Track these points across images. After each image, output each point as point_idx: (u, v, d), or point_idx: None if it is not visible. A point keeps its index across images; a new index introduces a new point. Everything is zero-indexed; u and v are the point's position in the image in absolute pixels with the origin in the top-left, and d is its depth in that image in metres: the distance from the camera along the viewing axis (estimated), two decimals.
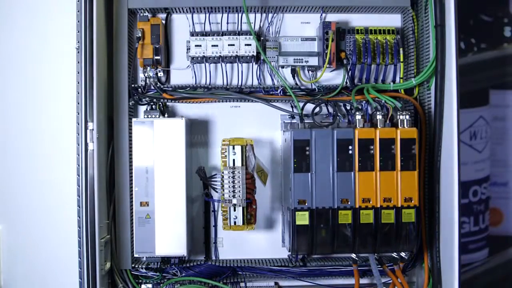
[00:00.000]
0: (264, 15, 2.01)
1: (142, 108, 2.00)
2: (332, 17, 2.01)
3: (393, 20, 2.06)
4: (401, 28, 2.04)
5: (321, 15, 2.01)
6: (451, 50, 1.78)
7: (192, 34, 1.96)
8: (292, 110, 1.97)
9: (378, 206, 1.79)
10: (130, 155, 1.89)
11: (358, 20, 2.03)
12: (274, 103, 1.97)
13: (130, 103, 1.94)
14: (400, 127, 1.83)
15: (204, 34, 1.97)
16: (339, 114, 1.97)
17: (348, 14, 2.03)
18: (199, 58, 1.95)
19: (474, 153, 2.28)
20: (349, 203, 1.79)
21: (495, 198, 2.33)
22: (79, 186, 1.79)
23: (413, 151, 1.79)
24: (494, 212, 2.34)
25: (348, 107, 1.98)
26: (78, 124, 1.79)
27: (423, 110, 1.95)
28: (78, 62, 1.80)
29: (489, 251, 2.34)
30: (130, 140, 1.89)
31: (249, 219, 1.88)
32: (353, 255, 1.91)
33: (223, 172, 1.83)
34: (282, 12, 2.03)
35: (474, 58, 2.27)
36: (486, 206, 2.32)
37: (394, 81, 2.01)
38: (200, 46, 1.94)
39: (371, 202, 1.79)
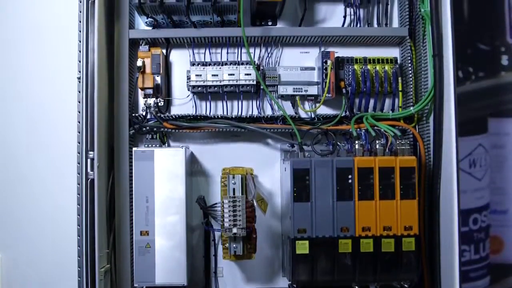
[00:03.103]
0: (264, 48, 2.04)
1: (142, 137, 2.01)
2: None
3: (392, 50, 2.08)
4: (399, 57, 2.06)
5: (320, 47, 2.03)
6: (449, 79, 1.79)
7: (192, 64, 1.98)
8: (292, 139, 1.98)
9: (378, 234, 1.79)
10: (131, 184, 1.89)
11: (357, 51, 2.06)
12: (273, 132, 1.98)
13: (131, 132, 1.95)
14: (399, 155, 1.84)
15: (205, 64, 1.98)
16: (338, 143, 1.97)
17: (347, 49, 2.06)
18: (199, 88, 1.97)
19: (474, 181, 2.28)
20: (349, 232, 1.78)
21: (496, 226, 2.32)
22: (79, 216, 1.79)
23: (413, 180, 1.80)
24: (494, 240, 2.33)
25: (348, 136, 1.99)
26: (79, 153, 1.80)
27: (422, 139, 1.95)
28: (79, 92, 1.81)
29: (490, 279, 2.32)
30: (131, 169, 1.89)
31: (249, 248, 1.87)
32: (355, 286, 1.90)
33: (223, 201, 1.83)
34: (282, 47, 2.05)
35: (472, 86, 2.28)
36: (486, 234, 2.31)
37: (393, 109, 2.02)
38: (201, 75, 1.96)
39: (371, 231, 1.79)
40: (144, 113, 1.98)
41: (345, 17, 2.02)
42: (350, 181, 1.79)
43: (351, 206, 1.79)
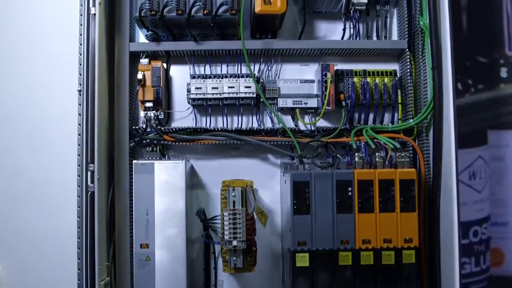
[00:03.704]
0: (263, 60, 2.05)
1: (142, 150, 2.01)
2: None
3: (391, 62, 2.09)
4: (399, 70, 2.07)
5: (320, 60, 2.04)
6: (448, 91, 1.79)
7: (192, 77, 1.99)
8: (292, 151, 1.98)
9: (379, 247, 1.79)
10: (131, 196, 1.89)
11: (356, 64, 2.07)
12: (273, 145, 1.98)
13: (131, 145, 1.96)
14: (399, 168, 1.84)
15: (205, 76, 1.99)
16: (338, 155, 1.98)
17: (347, 61, 2.07)
18: (199, 100, 1.98)
19: (474, 193, 2.28)
20: (349, 244, 1.78)
21: (496, 238, 2.31)
22: (79, 228, 1.79)
23: (413, 192, 1.79)
24: (495, 253, 2.32)
25: (348, 149, 1.99)
26: (79, 166, 1.80)
27: (422, 151, 1.96)
28: (80, 104, 1.82)
29: None
30: (131, 182, 1.89)
31: (250, 261, 1.87)
32: None
33: (223, 214, 1.83)
34: (281, 59, 2.06)
35: (471, 98, 2.29)
36: (487, 247, 2.31)
37: (392, 122, 2.03)
38: (201, 88, 1.97)
39: (371, 243, 1.79)
40: (144, 126, 1.98)
41: (344, 30, 2.03)
42: (350, 193, 1.79)
43: (351, 218, 1.79)
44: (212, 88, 1.97)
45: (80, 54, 1.83)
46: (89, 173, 1.80)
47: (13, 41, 2.13)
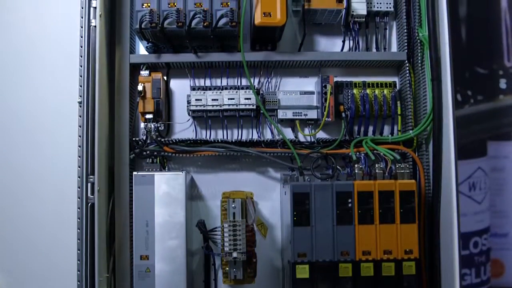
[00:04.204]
0: (263, 72, 2.06)
1: (142, 161, 2.01)
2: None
3: (390, 73, 2.10)
4: (398, 81, 2.08)
5: (319, 72, 2.05)
6: (448, 102, 1.80)
7: (193, 89, 1.99)
8: (292, 163, 1.98)
9: (379, 258, 1.78)
10: (131, 208, 1.90)
11: (356, 75, 2.08)
12: (273, 156, 1.98)
13: (131, 156, 1.96)
14: (399, 179, 1.84)
15: (205, 88, 2.00)
16: (338, 166, 1.98)
17: (346, 72, 2.08)
18: (199, 112, 1.98)
19: (474, 204, 2.28)
20: (349, 256, 1.78)
21: (496, 249, 2.31)
22: (79, 240, 1.79)
23: (413, 203, 1.79)
24: (495, 264, 2.32)
25: (347, 160, 1.99)
26: (79, 177, 1.81)
27: (422, 162, 1.96)
28: (80, 116, 1.82)
29: None
30: (131, 193, 1.89)
31: (250, 272, 1.87)
32: None
33: (223, 225, 1.83)
34: (281, 71, 2.07)
35: (471, 110, 2.29)
36: (487, 258, 2.30)
37: (392, 133, 2.03)
38: (201, 100, 1.97)
39: (371, 255, 1.78)
40: (144, 137, 1.99)
41: (344, 42, 2.04)
42: (350, 205, 1.79)
43: (351, 230, 1.79)
44: (212, 99, 1.97)
45: (81, 66, 1.83)
46: (89, 184, 1.81)
47: (14, 52, 2.14)
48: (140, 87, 1.95)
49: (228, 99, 1.97)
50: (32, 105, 2.12)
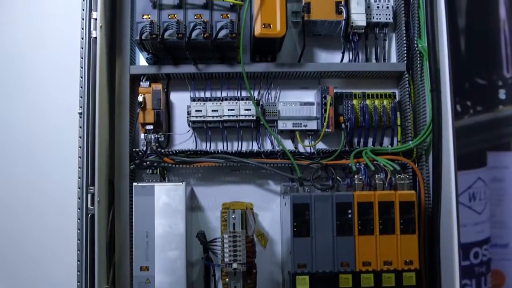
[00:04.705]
0: (263, 80, 2.06)
1: (142, 172, 2.01)
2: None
3: (390, 84, 2.10)
4: (398, 92, 2.08)
5: (319, 82, 2.06)
6: (447, 113, 1.80)
7: (193, 100, 2.00)
8: (292, 174, 1.98)
9: (379, 269, 1.78)
10: (131, 219, 1.89)
11: (356, 85, 2.09)
12: (273, 167, 1.98)
13: (131, 167, 1.96)
14: (399, 190, 1.84)
15: (205, 99, 2.00)
16: (338, 177, 1.98)
17: (346, 83, 2.09)
18: (199, 123, 1.99)
19: (474, 215, 2.28)
20: (349, 267, 1.78)
21: (497, 260, 2.31)
22: (79, 251, 1.79)
23: (412, 214, 1.80)
24: (496, 274, 2.31)
25: (347, 171, 2.00)
26: (79, 188, 1.81)
27: (421, 173, 1.96)
28: (81, 127, 1.83)
29: None
30: (131, 204, 1.89)
31: (250, 283, 1.87)
32: None
33: (223, 236, 1.83)
34: (281, 81, 2.08)
35: (470, 120, 2.29)
36: (487, 268, 2.30)
37: (392, 143, 2.03)
38: (201, 111, 1.98)
39: (371, 266, 1.78)
40: (144, 148, 1.99)
41: (343, 53, 2.05)
42: (350, 215, 1.79)
43: (351, 241, 1.79)
44: (212, 110, 1.98)
45: (81, 77, 1.84)
46: (89, 195, 1.81)
47: (15, 63, 2.15)
48: (140, 98, 1.95)
49: (228, 110, 1.98)
50: (33, 116, 2.12)
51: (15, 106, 2.13)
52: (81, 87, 1.84)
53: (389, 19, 2.06)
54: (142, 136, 1.99)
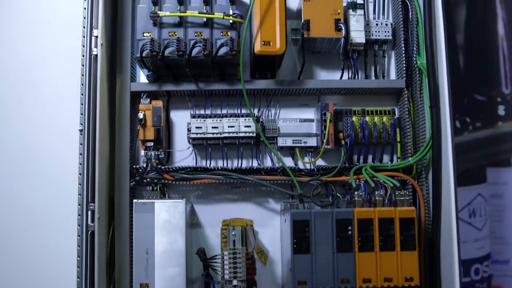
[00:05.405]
0: (263, 97, 2.07)
1: (142, 189, 2.01)
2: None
3: (389, 100, 2.11)
4: (397, 108, 2.09)
5: (319, 99, 2.06)
6: (447, 129, 1.80)
7: (193, 116, 2.00)
8: (292, 190, 1.98)
9: (379, 286, 1.78)
10: (131, 236, 1.89)
11: (355, 101, 2.10)
12: (273, 184, 1.98)
13: (131, 184, 1.96)
14: (399, 206, 1.84)
15: (205, 116, 2.01)
16: (338, 194, 1.98)
17: (345, 99, 2.10)
18: (199, 140, 1.99)
19: (474, 231, 2.28)
20: (349, 283, 1.77)
21: (497, 276, 2.30)
22: (79, 268, 1.79)
23: (413, 231, 1.80)
24: None
25: (347, 187, 2.00)
26: (80, 205, 1.81)
27: (421, 189, 1.96)
28: (81, 144, 1.83)
29: None
30: (131, 221, 1.89)
31: None
32: None
33: (223, 253, 1.83)
34: (281, 98, 2.09)
35: (469, 136, 2.30)
36: (488, 285, 2.29)
37: (391, 160, 2.03)
38: (201, 128, 1.98)
39: (371, 282, 1.78)
40: (144, 165, 1.99)
41: (343, 69, 2.06)
42: (350, 232, 1.79)
43: (351, 257, 1.78)
44: (212, 127, 1.98)
45: (82, 94, 1.85)
46: (89, 212, 1.81)
47: (16, 80, 2.16)
48: (140, 115, 1.96)
49: (228, 126, 1.98)
50: (33, 132, 2.13)
51: (16, 122, 2.14)
52: (82, 104, 1.85)
53: (388, 36, 2.07)
54: (143, 152, 1.99)
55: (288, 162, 2.05)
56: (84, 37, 1.86)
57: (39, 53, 2.17)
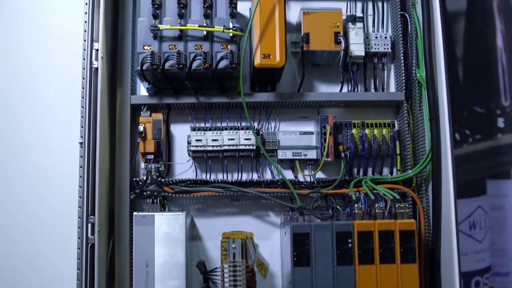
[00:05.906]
0: (263, 109, 2.07)
1: (143, 202, 2.01)
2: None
3: (389, 113, 2.12)
4: (397, 121, 2.09)
5: (319, 111, 2.07)
6: (446, 142, 1.81)
7: (193, 129, 2.01)
8: (292, 203, 1.98)
9: None
10: (131, 248, 1.89)
11: (355, 114, 2.10)
12: (273, 196, 1.98)
13: (131, 197, 1.96)
14: (399, 218, 1.84)
15: (205, 129, 2.01)
16: (338, 206, 1.98)
17: (345, 112, 2.11)
18: (199, 152, 1.99)
19: (474, 243, 2.27)
20: None
21: None
22: (79, 281, 1.78)
23: (413, 243, 1.79)
24: None
25: (347, 200, 2.00)
26: (80, 218, 1.81)
27: (421, 201, 1.96)
28: (81, 157, 1.83)
29: None
30: (131, 234, 1.89)
31: None
32: None
33: (223, 266, 1.82)
34: (281, 110, 2.09)
35: (469, 148, 2.30)
36: None
37: (391, 172, 2.04)
38: (201, 140, 1.98)
39: None
40: (144, 178, 1.99)
41: (342, 82, 2.06)
42: (350, 245, 1.79)
43: (352, 270, 1.78)
44: (212, 140, 1.99)
45: (82, 107, 1.85)
46: (89, 225, 1.81)
47: (16, 93, 2.16)
48: (141, 128, 1.96)
49: (228, 139, 1.99)
50: (33, 145, 2.13)
51: (16, 134, 2.14)
52: (82, 117, 1.85)
53: (388, 49, 2.08)
54: (143, 165, 1.99)
55: (288, 174, 2.05)
56: (84, 50, 1.87)
57: (40, 66, 2.17)
